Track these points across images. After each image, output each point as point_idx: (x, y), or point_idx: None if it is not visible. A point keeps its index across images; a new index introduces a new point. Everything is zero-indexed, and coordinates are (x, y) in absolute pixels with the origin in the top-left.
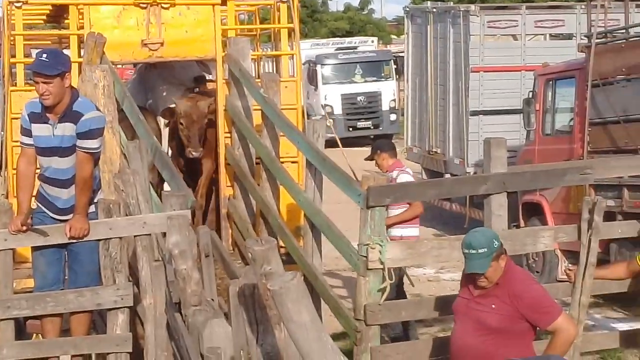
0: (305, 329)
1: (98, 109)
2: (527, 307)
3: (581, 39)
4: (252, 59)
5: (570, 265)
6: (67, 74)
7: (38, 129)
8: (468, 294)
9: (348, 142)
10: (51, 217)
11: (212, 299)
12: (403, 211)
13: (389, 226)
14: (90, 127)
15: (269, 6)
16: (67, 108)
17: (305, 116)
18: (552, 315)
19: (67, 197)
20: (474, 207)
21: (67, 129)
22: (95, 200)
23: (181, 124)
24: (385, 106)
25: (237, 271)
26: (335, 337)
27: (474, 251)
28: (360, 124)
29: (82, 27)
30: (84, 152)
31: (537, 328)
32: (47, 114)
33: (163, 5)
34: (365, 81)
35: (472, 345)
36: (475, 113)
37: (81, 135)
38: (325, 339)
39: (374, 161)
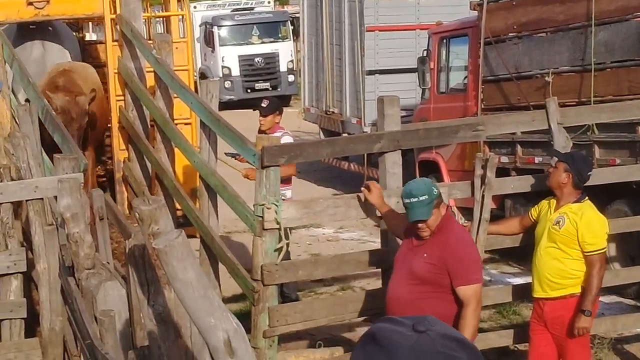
0: (191, 287)
1: None
2: (452, 258)
3: None
4: (142, 20)
5: (466, 221)
6: None
7: None
8: (409, 244)
9: (246, 104)
10: None
11: (107, 262)
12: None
13: None
14: None
15: None
16: None
17: (198, 78)
18: (467, 279)
19: None
20: (372, 167)
21: None
22: None
23: None
24: (283, 67)
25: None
26: (234, 298)
27: (415, 199)
28: (259, 86)
29: None
30: None
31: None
32: None
33: None
34: (263, 42)
35: (402, 294)
36: (371, 72)
37: None
38: (212, 296)
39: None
